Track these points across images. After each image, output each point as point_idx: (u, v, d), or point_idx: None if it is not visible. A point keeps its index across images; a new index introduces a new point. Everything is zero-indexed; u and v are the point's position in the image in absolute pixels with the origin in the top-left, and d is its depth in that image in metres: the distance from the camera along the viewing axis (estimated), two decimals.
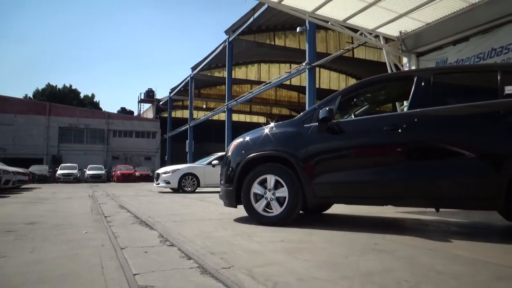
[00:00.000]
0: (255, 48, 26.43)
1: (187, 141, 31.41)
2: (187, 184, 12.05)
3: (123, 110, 49.67)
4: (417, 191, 3.51)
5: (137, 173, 30.72)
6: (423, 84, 3.74)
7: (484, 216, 4.97)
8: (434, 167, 3.49)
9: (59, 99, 46.68)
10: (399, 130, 3.60)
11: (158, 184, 12.32)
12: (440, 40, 7.86)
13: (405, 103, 5.25)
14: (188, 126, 32.08)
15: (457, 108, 3.65)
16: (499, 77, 3.48)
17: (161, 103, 41.63)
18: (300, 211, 4.24)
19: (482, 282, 2.00)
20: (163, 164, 31.97)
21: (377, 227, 4.08)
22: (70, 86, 56.74)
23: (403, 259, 2.53)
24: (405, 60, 8.78)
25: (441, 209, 4.18)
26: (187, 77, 31.86)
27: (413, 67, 8.37)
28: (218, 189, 4.96)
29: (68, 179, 27.91)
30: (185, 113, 38.66)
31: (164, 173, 12.34)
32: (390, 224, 4.49)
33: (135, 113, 49.36)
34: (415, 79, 3.82)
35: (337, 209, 5.69)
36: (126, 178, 29.21)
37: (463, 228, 4.02)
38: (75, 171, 29.31)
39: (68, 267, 2.37)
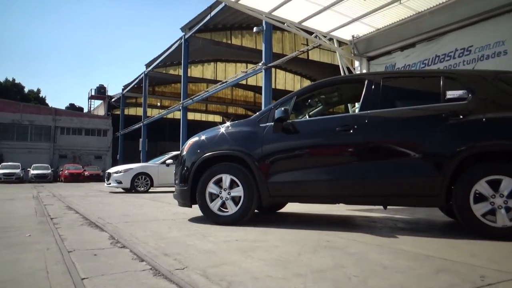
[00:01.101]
0: (211, 46, 26.25)
1: (141, 140, 30.56)
2: (140, 184, 11.74)
3: (72, 107, 47.35)
4: (367, 190, 3.66)
5: (86, 173, 29.45)
6: (373, 87, 3.91)
7: (427, 213, 5.29)
8: (383, 166, 3.66)
9: (1, 94, 43.55)
10: (351, 131, 3.74)
11: (109, 184, 11.89)
12: (389, 46, 8.24)
13: (357, 105, 5.46)
14: (141, 124, 31.22)
15: (403, 111, 3.86)
16: (441, 83, 3.71)
17: (113, 100, 40.13)
18: (255, 210, 4.27)
19: (424, 275, 2.13)
20: (115, 163, 30.87)
21: (329, 225, 4.21)
22: (13, 80, 53.14)
23: (353, 255, 2.63)
24: (356, 63, 9.12)
25: (388, 207, 4.39)
26: (141, 74, 30.99)
27: (364, 71, 8.71)
28: (172, 189, 4.88)
29: (9, 179, 26.14)
30: (139, 111, 37.60)
31: (116, 172, 11.93)
32: (342, 221, 4.64)
33: (85, 110, 47.23)
34: (366, 82, 3.98)
35: (291, 207, 5.79)
36: (75, 178, 27.90)
37: (407, 225, 4.25)
38: (17, 171, 27.50)
39: (9, 273, 2.22)
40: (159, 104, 38.29)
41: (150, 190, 11.94)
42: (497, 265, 2.34)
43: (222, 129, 4.36)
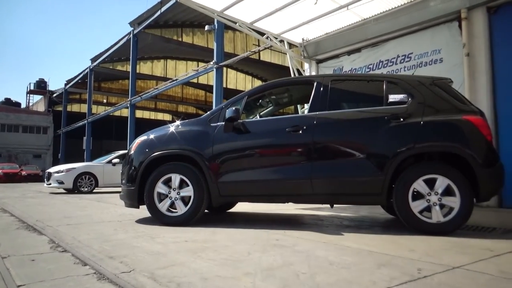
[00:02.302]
0: (161, 43, 25.63)
1: (85, 138, 29.10)
2: (83, 184, 11.19)
3: (7, 102, 43.93)
4: (316, 189, 3.77)
5: (23, 173, 27.49)
6: (321, 89, 4.04)
7: (370, 211, 5.55)
8: (330, 166, 3.79)
9: None
10: (300, 132, 3.83)
11: (50, 184, 11.21)
12: (337, 50, 8.54)
13: (306, 106, 5.60)
14: (86, 121, 29.76)
15: (349, 113, 4.04)
16: (384, 87, 3.92)
17: (54, 95, 37.81)
18: (205, 210, 4.24)
19: (367, 270, 2.23)
20: (56, 162, 29.12)
21: (278, 224, 4.28)
22: None
23: (301, 252, 2.69)
24: (306, 65, 9.34)
25: (334, 205, 4.55)
26: (86, 69, 29.51)
27: (313, 73, 8.96)
28: (119, 189, 4.71)
29: None
30: (83, 108, 35.77)
31: (57, 172, 11.28)
32: (290, 220, 4.74)
33: (23, 105, 44.07)
34: (315, 84, 4.10)
35: (241, 207, 5.82)
36: (11, 178, 25.93)
37: (352, 222, 4.43)
38: None
39: None
40: (105, 101, 36.70)
41: (94, 191, 11.43)
42: (432, 258, 2.52)
43: (172, 128, 4.28)
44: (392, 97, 3.81)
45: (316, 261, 2.44)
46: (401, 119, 3.66)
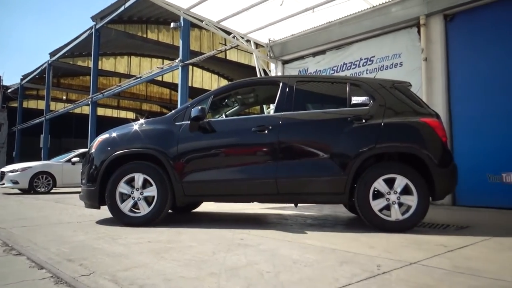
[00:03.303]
0: (125, 39, 24.93)
1: (42, 136, 27.80)
2: (40, 184, 10.70)
3: None
4: (280, 188, 3.81)
5: None
6: (287, 89, 4.09)
7: (333, 209, 5.68)
8: (295, 166, 3.85)
9: None
10: (266, 131, 3.86)
11: (3, 184, 10.63)
12: (302, 51, 8.67)
13: (272, 106, 5.64)
14: (43, 118, 28.45)
15: (314, 114, 4.13)
16: (348, 89, 4.03)
17: (9, 90, 35.79)
18: (169, 210, 4.18)
19: (330, 267, 2.28)
20: (10, 161, 27.62)
21: (243, 223, 4.29)
22: None
23: (265, 251, 2.71)
24: (272, 66, 9.42)
25: (298, 204, 4.63)
26: (44, 64, 28.18)
27: (279, 73, 9.05)
28: (79, 189, 4.55)
29: None
30: (41, 104, 34.15)
31: (11, 171, 10.71)
32: (255, 219, 4.76)
33: None
34: (280, 85, 4.15)
35: (205, 207, 5.78)
36: None
37: (316, 221, 4.51)
38: None
39: None
40: (64, 97, 35.21)
41: (52, 191, 10.96)
42: (390, 254, 2.61)
43: (136, 126, 4.19)
44: (355, 99, 3.92)
45: (280, 259, 2.47)
46: (363, 121, 3.77)
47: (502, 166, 5.76)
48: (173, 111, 4.39)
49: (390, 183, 3.61)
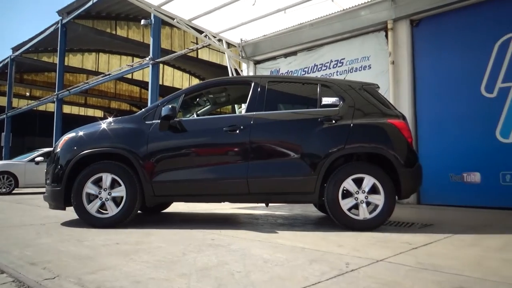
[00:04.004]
0: (93, 35, 24.22)
1: (3, 134, 26.58)
2: (1, 185, 10.22)
3: None
4: (251, 188, 3.82)
5: None
6: (259, 89, 4.10)
7: (303, 209, 5.75)
8: (266, 166, 3.87)
9: None
10: (237, 131, 3.86)
11: None
12: (274, 52, 8.74)
13: (243, 106, 5.65)
14: (5, 116, 27.21)
15: (285, 114, 4.17)
16: (318, 90, 4.09)
17: None
18: (138, 211, 4.10)
19: (300, 266, 2.31)
20: None
21: (214, 223, 4.27)
22: None
23: (236, 251, 2.71)
24: (244, 66, 9.43)
25: (270, 204, 4.66)
26: (5, 58, 26.93)
27: (251, 73, 9.07)
28: (43, 190, 4.38)
29: None
30: (2, 101, 32.65)
31: None
32: (226, 219, 4.75)
33: None
34: (252, 85, 4.16)
35: (176, 207, 5.72)
36: None
37: (286, 220, 4.56)
38: None
39: None
40: (28, 94, 33.81)
41: (14, 192, 10.51)
42: (359, 252, 2.68)
43: (104, 125, 4.08)
44: (325, 100, 3.99)
45: (251, 259, 2.48)
46: (333, 121, 3.84)
47: (463, 166, 6.03)
48: (143, 109, 4.31)
49: (358, 182, 3.70)
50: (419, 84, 6.65)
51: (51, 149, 5.71)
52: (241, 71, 9.49)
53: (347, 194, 3.72)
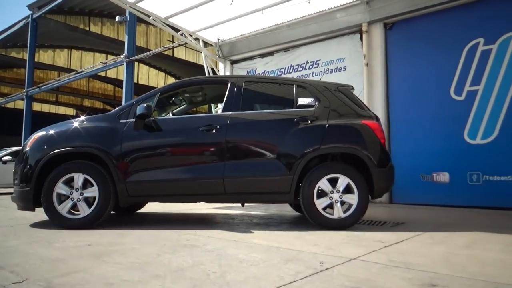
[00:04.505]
0: (66, 31, 23.53)
1: None
2: None
3: None
4: (227, 188, 3.81)
5: None
6: (235, 89, 4.10)
7: (278, 208, 5.78)
8: (242, 165, 3.87)
9: None
10: (213, 131, 3.84)
11: None
12: (251, 52, 8.75)
13: (220, 105, 5.63)
14: None
15: (262, 114, 4.18)
16: (294, 90, 4.13)
17: None
18: (112, 212, 4.02)
19: (275, 265, 2.33)
20: None
21: (189, 224, 4.24)
22: None
23: (212, 252, 2.70)
24: (221, 65, 9.40)
25: (245, 204, 4.66)
26: None
27: (228, 73, 9.05)
28: (11, 190, 4.23)
29: None
30: None
31: None
32: (201, 220, 4.72)
33: None
34: (229, 84, 4.15)
35: (150, 207, 5.64)
36: None
37: (262, 220, 4.57)
38: None
39: None
40: None
41: None
42: (333, 251, 2.72)
43: (76, 123, 3.98)
44: (301, 101, 4.03)
45: (227, 259, 2.48)
46: (309, 122, 3.88)
47: (433, 166, 6.22)
48: (117, 108, 4.23)
49: (333, 182, 3.75)
50: (392, 86, 6.81)
51: (20, 148, 5.51)
52: (218, 70, 9.45)
53: (322, 193, 3.77)
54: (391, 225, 4.09)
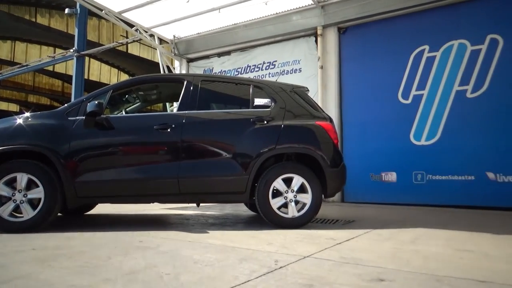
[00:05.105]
0: (9, 21, 22.08)
1: None
2: None
3: None
4: (183, 188, 3.76)
5: None
6: (191, 88, 4.05)
7: (234, 208, 5.80)
8: (198, 165, 3.83)
9: None
10: (168, 130, 3.77)
11: None
12: (208, 51, 8.69)
13: (175, 104, 5.54)
14: None
15: (218, 113, 4.16)
16: (251, 90, 4.15)
17: None
18: (59, 214, 3.82)
19: (230, 265, 2.33)
20: None
21: (142, 225, 4.13)
22: None
23: (166, 253, 2.65)
24: (177, 63, 9.25)
25: (201, 204, 4.62)
26: None
27: (184, 71, 8.92)
28: None
29: None
30: None
31: None
32: (155, 220, 4.62)
33: None
34: (185, 83, 4.09)
35: (101, 209, 5.43)
36: None
37: (217, 220, 4.56)
38: None
39: None
40: None
41: None
42: (287, 250, 2.77)
43: (20, 120, 3.74)
44: (258, 101, 4.06)
45: (181, 260, 2.44)
46: (265, 122, 3.92)
47: (382, 166, 6.53)
48: (65, 104, 4.03)
49: (288, 182, 3.82)
50: (345, 88, 7.06)
51: None
52: (174, 68, 9.29)
53: (277, 193, 3.82)
54: (342, 223, 4.23)
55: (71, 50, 13.75)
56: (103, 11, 7.63)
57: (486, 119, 5.81)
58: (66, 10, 13.86)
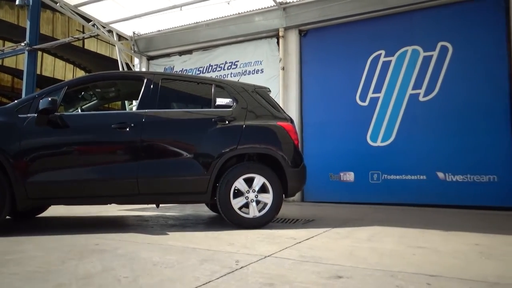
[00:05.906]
0: None
1: None
2: None
3: None
4: (142, 189, 3.67)
5: None
6: (152, 86, 3.96)
7: (194, 209, 5.74)
8: (158, 165, 3.76)
9: None
10: (127, 129, 3.67)
11: None
12: (169, 49, 8.54)
13: (134, 102, 5.39)
14: None
15: (179, 113, 4.10)
16: (213, 90, 4.13)
17: None
18: (8, 216, 3.61)
19: (191, 266, 2.30)
20: None
21: (99, 227, 3.99)
22: None
23: (124, 256, 2.58)
24: (136, 61, 9.02)
25: (160, 205, 4.53)
26: None
27: (144, 69, 8.71)
28: None
29: None
30: None
31: None
32: (113, 222, 4.48)
33: None
34: (145, 81, 4.00)
35: (54, 211, 5.19)
36: None
37: (177, 221, 4.49)
38: None
39: None
40: None
41: None
42: (248, 250, 2.78)
43: None
44: (220, 101, 4.05)
45: (140, 263, 2.38)
46: (227, 122, 3.92)
47: (341, 166, 6.72)
48: (15, 101, 3.82)
49: (249, 182, 3.83)
50: (305, 90, 7.19)
51: None
52: (133, 66, 9.05)
53: (238, 193, 3.83)
54: (302, 222, 4.30)
55: (22, 44, 13.01)
56: (58, 4, 7.29)
57: (436, 122, 6.14)
58: (17, 1, 13.07)
